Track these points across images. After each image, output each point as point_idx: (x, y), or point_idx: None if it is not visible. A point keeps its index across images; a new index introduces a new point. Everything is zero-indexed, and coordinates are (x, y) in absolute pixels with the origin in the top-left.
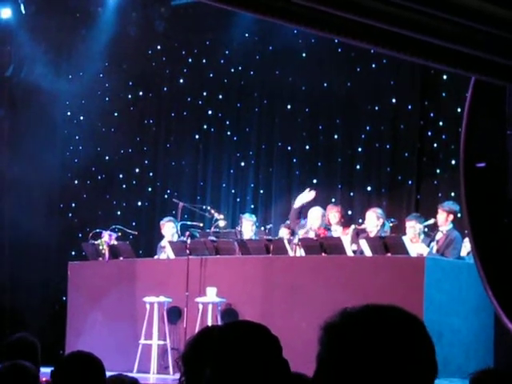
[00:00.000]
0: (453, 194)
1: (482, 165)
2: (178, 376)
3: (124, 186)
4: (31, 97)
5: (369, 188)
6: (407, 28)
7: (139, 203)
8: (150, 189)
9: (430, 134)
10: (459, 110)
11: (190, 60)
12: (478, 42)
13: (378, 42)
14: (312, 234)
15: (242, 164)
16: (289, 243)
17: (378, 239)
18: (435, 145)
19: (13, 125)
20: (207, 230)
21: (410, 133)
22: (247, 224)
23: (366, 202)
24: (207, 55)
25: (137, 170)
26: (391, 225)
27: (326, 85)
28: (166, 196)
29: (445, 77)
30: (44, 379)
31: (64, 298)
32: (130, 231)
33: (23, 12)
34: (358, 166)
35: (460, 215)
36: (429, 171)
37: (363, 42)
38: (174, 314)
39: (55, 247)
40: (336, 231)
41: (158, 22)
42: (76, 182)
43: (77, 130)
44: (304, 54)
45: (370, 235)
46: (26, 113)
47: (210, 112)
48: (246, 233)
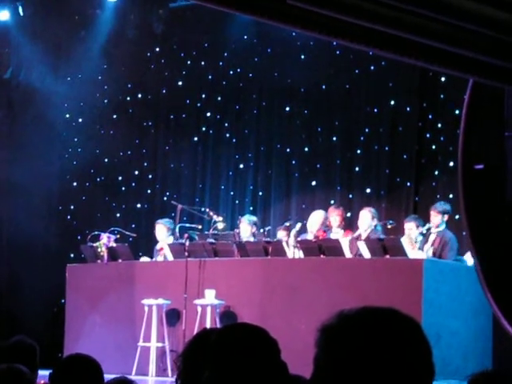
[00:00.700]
0: (451, 195)
1: (481, 167)
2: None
3: (123, 188)
4: (30, 99)
5: (368, 190)
6: (405, 30)
7: (138, 205)
8: (149, 191)
9: (428, 135)
10: (457, 111)
11: (189, 62)
12: (476, 44)
13: (376, 45)
14: (310, 236)
15: (241, 166)
16: (287, 245)
17: (377, 241)
18: (434, 147)
19: (11, 127)
20: (206, 232)
21: (409, 135)
22: (246, 226)
23: (364, 203)
24: (206, 57)
25: (136, 173)
26: (390, 227)
27: (324, 87)
28: (165, 198)
29: (443, 79)
30: (42, 382)
31: (63, 301)
32: (128, 233)
33: (21, 14)
34: (356, 168)
35: (458, 216)
36: (427, 173)
37: (361, 45)
38: (172, 317)
39: (54, 249)
40: (337, 234)
41: (156, 24)
42: (75, 184)
43: (75, 133)
44: (302, 56)
45: (363, 235)
46: (24, 115)
47: (208, 114)
48: (245, 235)
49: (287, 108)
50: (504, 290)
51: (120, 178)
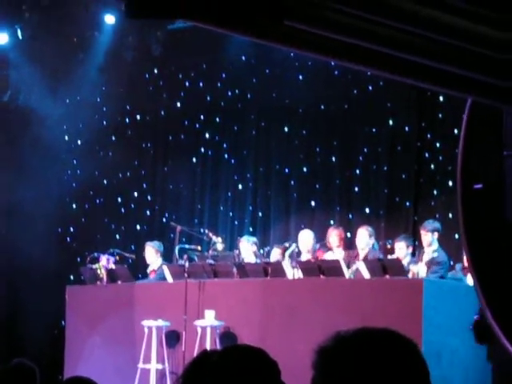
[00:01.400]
0: (450, 215)
1: (480, 186)
2: None
3: (122, 209)
4: (28, 122)
5: (367, 210)
6: (402, 49)
7: (138, 227)
8: (148, 212)
9: (427, 155)
10: (456, 131)
11: (187, 83)
12: (474, 63)
13: (375, 65)
14: (305, 257)
15: (240, 187)
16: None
17: (377, 261)
18: (432, 166)
19: (10, 150)
20: (205, 253)
21: (407, 154)
22: (246, 246)
23: (364, 223)
24: (204, 79)
25: (135, 194)
26: (389, 246)
27: (322, 107)
28: (164, 219)
29: (441, 98)
30: None
31: (63, 323)
32: (128, 255)
33: (20, 37)
34: (355, 188)
35: (457, 236)
36: (426, 193)
37: (359, 65)
38: (172, 338)
39: (54, 271)
40: (340, 254)
41: (154, 46)
42: (74, 206)
43: (74, 155)
44: (300, 77)
45: (361, 254)
46: (23, 138)
47: (207, 135)
48: (246, 255)
49: (286, 128)
50: (504, 309)
51: (119, 199)
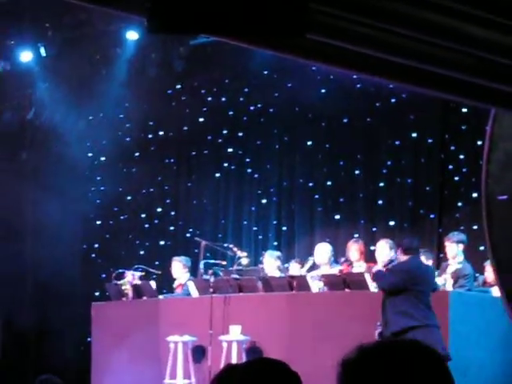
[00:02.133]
0: (475, 227)
1: (504, 197)
2: None
3: (146, 225)
4: (53, 139)
5: (391, 222)
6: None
7: (162, 242)
8: (172, 228)
9: (450, 167)
10: (480, 142)
11: (210, 98)
12: (498, 74)
13: (396, 77)
14: (323, 270)
15: (264, 201)
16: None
17: None
18: (456, 178)
19: (35, 167)
20: (230, 268)
21: (431, 166)
22: (270, 260)
23: (388, 236)
24: (226, 93)
25: (159, 210)
26: None
27: (345, 120)
28: (188, 234)
29: (464, 110)
30: None
31: (88, 339)
32: (153, 271)
33: (43, 55)
34: (380, 201)
35: (482, 247)
36: (450, 205)
37: (382, 77)
38: (198, 353)
39: (79, 288)
40: (360, 267)
41: (177, 62)
42: (98, 222)
43: (98, 171)
44: (323, 90)
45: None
46: (47, 155)
47: (230, 150)
48: (270, 269)
49: (309, 142)
50: None
51: (143, 215)
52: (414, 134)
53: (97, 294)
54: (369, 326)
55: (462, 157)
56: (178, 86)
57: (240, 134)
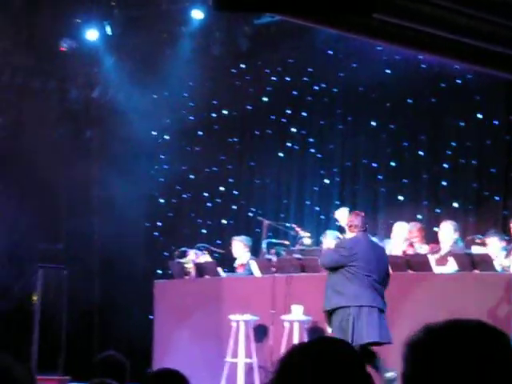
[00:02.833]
0: None
1: None
2: None
3: (209, 204)
4: (117, 117)
5: (455, 204)
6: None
7: (224, 221)
8: (234, 207)
9: None
10: None
11: (274, 78)
12: None
13: (464, 57)
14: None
15: (327, 181)
16: None
17: (465, 256)
18: None
19: (100, 145)
20: (292, 248)
21: (497, 148)
22: (330, 240)
23: (452, 218)
24: (290, 73)
25: (221, 189)
26: (479, 241)
27: (410, 101)
28: (250, 214)
29: None
30: None
31: (151, 317)
32: (215, 249)
33: (109, 33)
34: (444, 183)
35: None
36: None
37: (448, 58)
38: (260, 332)
39: (142, 266)
40: (421, 248)
41: (241, 41)
42: (162, 200)
43: (162, 150)
44: (388, 71)
45: (445, 248)
46: (112, 133)
47: (293, 130)
48: None
49: (373, 123)
50: None
51: (206, 194)
52: (479, 115)
53: (159, 271)
54: (432, 308)
55: None
56: (242, 66)
57: (304, 114)
